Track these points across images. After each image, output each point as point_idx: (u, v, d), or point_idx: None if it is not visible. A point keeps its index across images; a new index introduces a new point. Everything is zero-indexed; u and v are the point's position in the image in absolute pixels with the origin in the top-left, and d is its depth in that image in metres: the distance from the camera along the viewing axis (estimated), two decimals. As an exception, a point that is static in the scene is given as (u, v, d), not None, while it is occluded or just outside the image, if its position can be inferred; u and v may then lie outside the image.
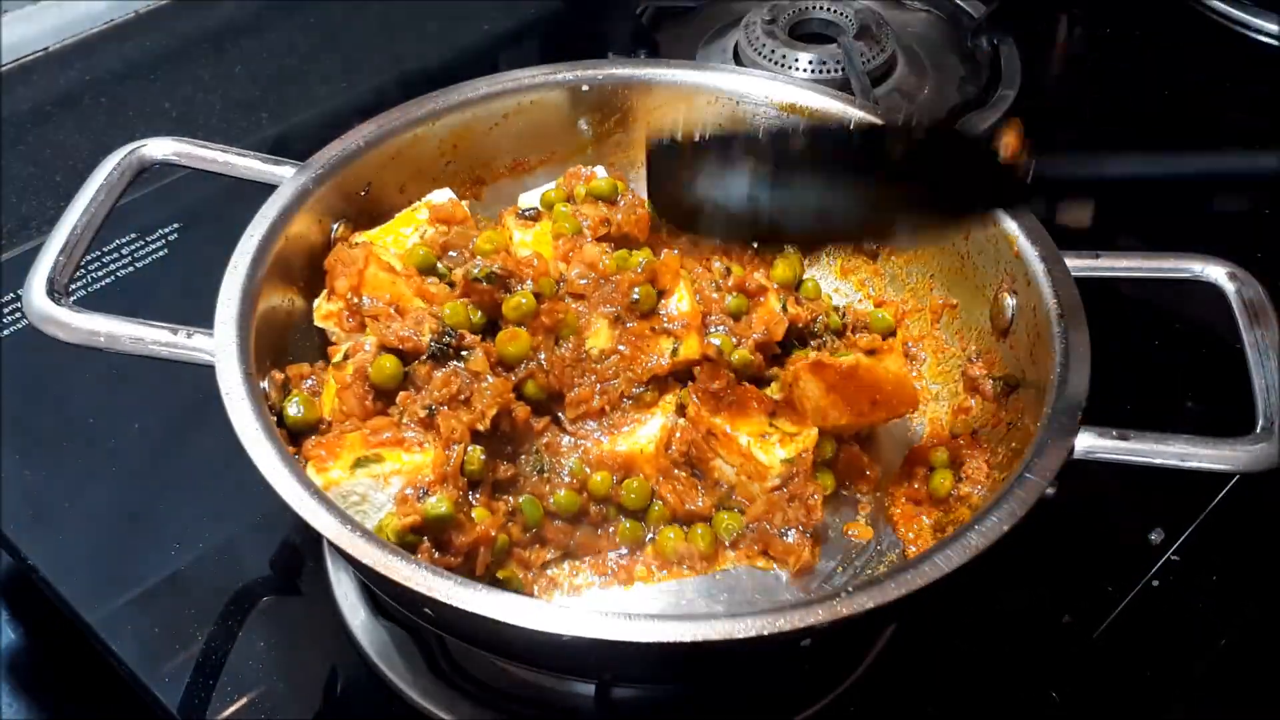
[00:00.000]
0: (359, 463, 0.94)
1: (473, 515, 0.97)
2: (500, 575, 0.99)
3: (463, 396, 1.00)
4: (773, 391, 1.10)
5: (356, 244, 1.12)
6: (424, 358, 1.01)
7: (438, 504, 0.92)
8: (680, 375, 1.09)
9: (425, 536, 0.93)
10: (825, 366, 1.03)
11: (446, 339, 1.02)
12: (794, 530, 1.03)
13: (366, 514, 0.95)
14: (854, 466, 1.10)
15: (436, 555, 0.93)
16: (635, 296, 1.06)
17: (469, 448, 0.98)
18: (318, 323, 1.09)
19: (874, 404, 1.05)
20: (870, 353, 1.06)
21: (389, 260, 1.09)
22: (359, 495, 0.95)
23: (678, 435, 1.06)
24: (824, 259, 1.28)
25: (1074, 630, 1.10)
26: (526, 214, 1.16)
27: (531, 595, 1.00)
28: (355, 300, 1.07)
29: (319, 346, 1.11)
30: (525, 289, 1.05)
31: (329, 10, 1.78)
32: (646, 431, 1.05)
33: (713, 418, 1.04)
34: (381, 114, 1.18)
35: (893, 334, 1.21)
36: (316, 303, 1.10)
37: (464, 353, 1.02)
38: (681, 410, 1.07)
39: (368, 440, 0.97)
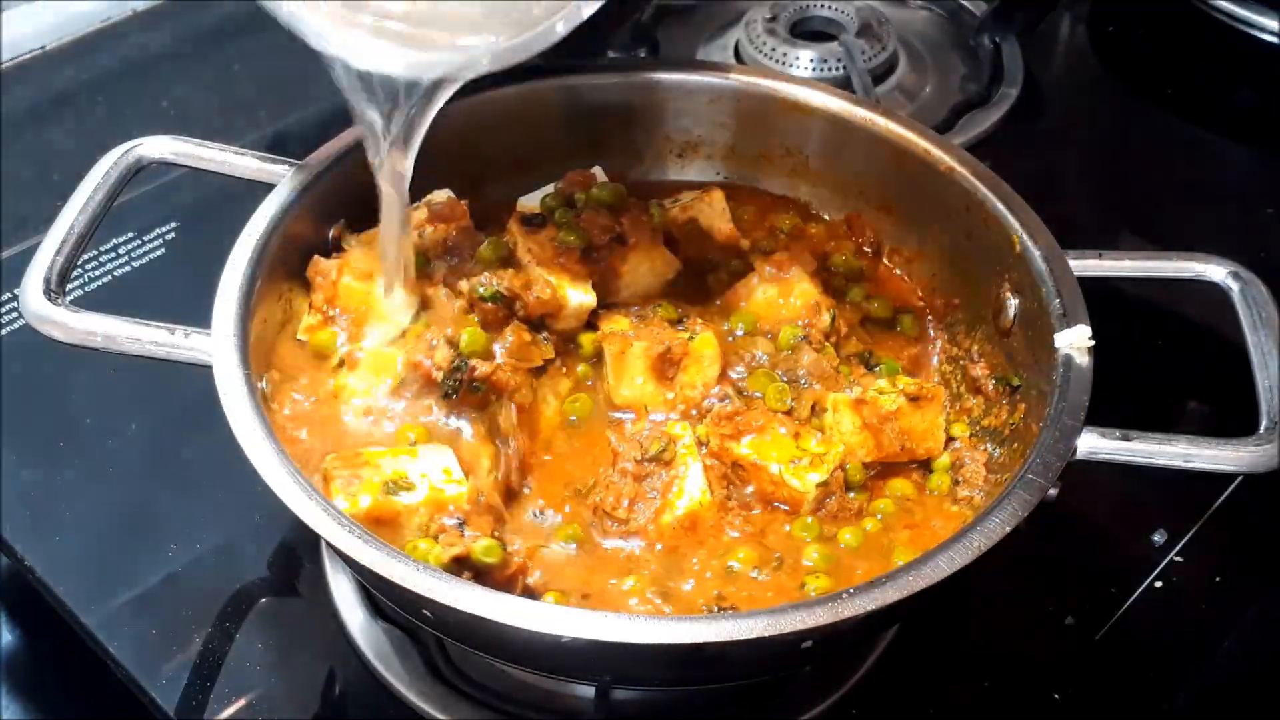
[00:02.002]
0: (389, 488, 0.93)
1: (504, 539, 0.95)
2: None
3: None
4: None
5: (353, 245, 1.12)
6: (439, 396, 1.01)
7: (488, 550, 0.90)
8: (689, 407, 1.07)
9: (465, 569, 0.92)
10: (865, 405, 1.02)
11: (459, 373, 1.00)
12: None
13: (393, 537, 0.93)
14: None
15: None
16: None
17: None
18: (299, 336, 1.07)
19: (902, 448, 1.04)
20: (914, 399, 1.04)
21: (370, 267, 1.07)
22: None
23: (711, 463, 1.02)
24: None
25: (1076, 631, 1.09)
26: (532, 221, 1.15)
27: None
28: (332, 313, 1.06)
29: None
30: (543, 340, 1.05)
31: (328, 9, 1.77)
32: (692, 483, 0.99)
33: (738, 450, 1.01)
34: (380, 113, 1.17)
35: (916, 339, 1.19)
36: (303, 317, 1.09)
37: (476, 385, 1.01)
38: (703, 445, 1.03)
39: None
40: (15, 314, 1.30)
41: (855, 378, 1.08)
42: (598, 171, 1.20)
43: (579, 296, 1.09)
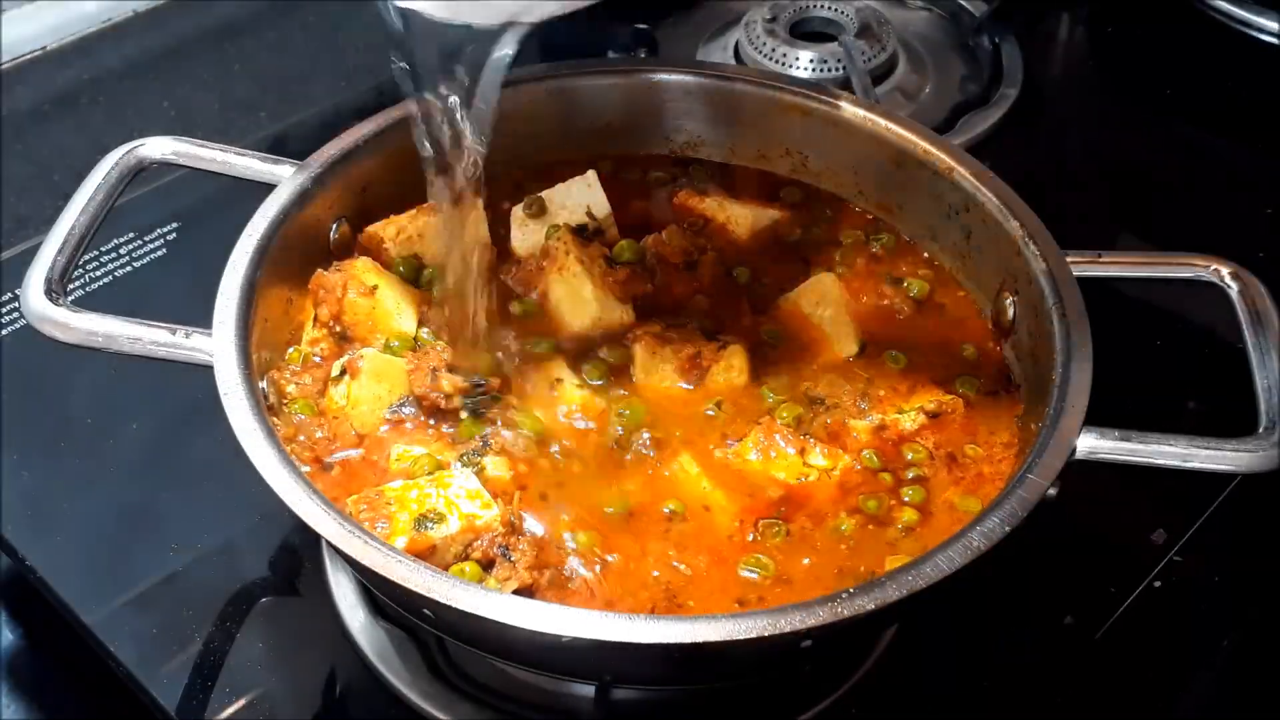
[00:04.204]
0: (420, 524, 0.92)
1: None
2: None
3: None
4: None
5: (360, 242, 1.13)
6: (462, 418, 1.01)
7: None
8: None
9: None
10: (886, 429, 1.03)
11: (479, 389, 1.01)
12: None
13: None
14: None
15: None
16: None
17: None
18: (303, 347, 1.07)
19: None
20: (934, 415, 1.04)
21: (374, 281, 1.08)
22: None
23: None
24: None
25: (1076, 631, 1.09)
26: (582, 232, 1.14)
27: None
28: (338, 328, 1.07)
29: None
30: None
31: (329, 10, 1.77)
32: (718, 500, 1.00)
33: (743, 464, 1.01)
34: (380, 113, 1.17)
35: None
36: (306, 330, 1.09)
37: (495, 395, 1.02)
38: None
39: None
40: (16, 314, 1.30)
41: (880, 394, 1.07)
42: (590, 175, 1.19)
43: (618, 314, 1.10)
